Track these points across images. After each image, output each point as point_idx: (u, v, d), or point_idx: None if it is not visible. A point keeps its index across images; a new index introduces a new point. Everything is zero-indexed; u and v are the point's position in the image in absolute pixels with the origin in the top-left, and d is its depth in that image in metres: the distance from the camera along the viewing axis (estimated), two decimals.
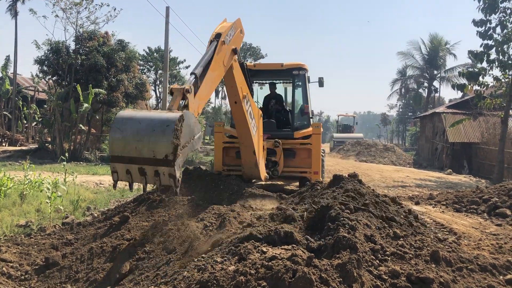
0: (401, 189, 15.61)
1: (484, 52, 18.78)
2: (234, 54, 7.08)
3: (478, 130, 26.82)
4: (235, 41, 7.13)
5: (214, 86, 6.56)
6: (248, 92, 8.05)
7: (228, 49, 6.81)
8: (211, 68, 6.18)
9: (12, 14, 36.17)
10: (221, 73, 6.76)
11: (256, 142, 8.35)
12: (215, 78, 6.46)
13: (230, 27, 6.92)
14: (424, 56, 50.43)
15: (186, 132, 4.56)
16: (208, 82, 6.09)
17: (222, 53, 6.57)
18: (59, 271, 5.42)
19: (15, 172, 12.97)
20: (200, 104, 5.66)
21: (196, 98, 5.44)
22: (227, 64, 6.90)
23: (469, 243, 6.64)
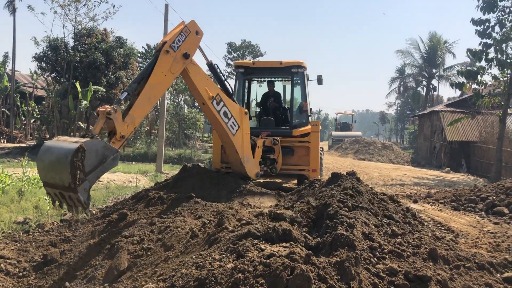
0: (399, 187, 15.63)
1: (483, 51, 18.77)
2: (186, 59, 7.14)
3: (476, 129, 26.85)
4: (188, 45, 7.15)
5: (157, 97, 6.87)
6: (220, 92, 8.03)
7: (176, 56, 6.95)
8: (151, 80, 6.52)
9: (10, 11, 36.07)
10: (166, 82, 7.01)
11: (238, 140, 8.35)
12: (157, 89, 6.72)
13: (178, 33, 7.01)
14: (423, 54, 50.42)
15: (92, 159, 5.17)
16: (146, 95, 6.45)
17: (165, 62, 6.80)
18: (57, 268, 5.42)
19: (14, 169, 12.96)
20: (137, 119, 6.19)
21: (128, 116, 6.03)
22: (176, 71, 7.10)
23: (467, 241, 6.65)
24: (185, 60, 7.12)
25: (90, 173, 5.18)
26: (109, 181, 13.85)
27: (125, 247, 5.23)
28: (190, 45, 7.20)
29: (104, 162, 5.33)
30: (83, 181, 5.10)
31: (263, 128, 10.65)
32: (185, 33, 7.09)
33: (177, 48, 6.97)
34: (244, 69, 11.04)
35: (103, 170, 5.40)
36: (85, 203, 5.13)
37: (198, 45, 7.43)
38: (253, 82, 12.51)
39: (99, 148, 5.29)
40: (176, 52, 6.96)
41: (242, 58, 48.55)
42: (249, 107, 12.74)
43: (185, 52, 7.09)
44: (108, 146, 5.47)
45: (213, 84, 8.08)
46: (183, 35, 7.06)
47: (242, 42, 50.70)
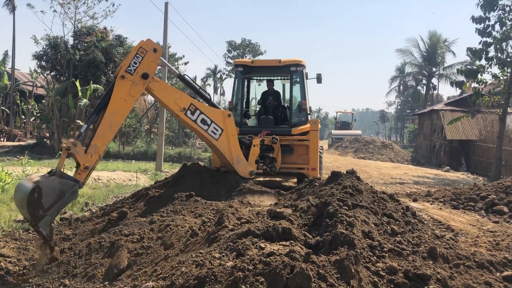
0: (399, 186, 15.64)
1: (483, 50, 18.76)
2: (145, 79, 7.16)
3: (476, 128, 26.86)
4: (145, 65, 7.16)
5: (119, 123, 6.99)
6: (194, 101, 8.10)
7: (134, 79, 7.02)
8: (109, 108, 6.71)
9: (10, 9, 36.05)
10: (127, 107, 7.10)
11: (223, 144, 8.41)
12: (118, 115, 6.87)
13: (133, 56, 7.05)
14: (422, 53, 50.38)
15: (50, 196, 5.54)
16: (107, 123, 6.67)
17: (123, 87, 6.90)
18: (57, 266, 5.42)
19: (13, 167, 12.95)
20: (100, 148, 6.46)
21: (91, 146, 6.34)
22: (136, 93, 7.16)
23: (467, 240, 6.66)
24: (144, 80, 7.16)
25: (49, 209, 5.54)
26: (109, 179, 13.85)
27: (125, 246, 5.23)
28: (148, 64, 7.21)
29: (63, 197, 5.69)
30: (44, 217, 5.47)
31: (262, 126, 10.65)
32: (141, 54, 7.12)
33: (134, 70, 7.03)
34: (243, 67, 11.04)
35: (62, 204, 5.80)
36: (47, 236, 5.50)
37: (157, 62, 7.44)
38: (252, 81, 12.51)
39: (56, 185, 5.67)
40: (133, 75, 7.02)
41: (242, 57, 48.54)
42: (249, 105, 12.74)
43: (144, 72, 7.12)
44: (65, 182, 5.78)
45: (183, 96, 8.21)
46: (139, 57, 7.09)
47: (242, 41, 50.66)
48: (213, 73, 68.22)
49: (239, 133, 10.20)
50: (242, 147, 9.48)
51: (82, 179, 6.16)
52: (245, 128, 10.76)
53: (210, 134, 8.20)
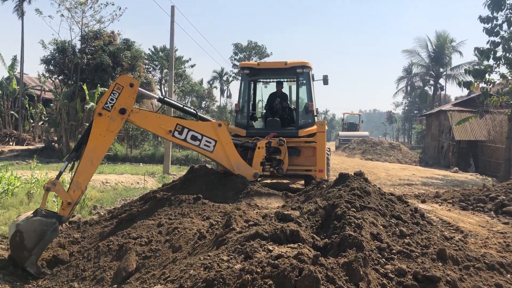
0: (407, 187, 15.56)
1: (491, 49, 18.62)
2: (123, 114, 7.25)
3: (485, 128, 26.67)
4: (122, 101, 7.24)
5: (100, 158, 7.09)
6: (180, 120, 8.22)
7: (112, 115, 7.15)
8: (89, 144, 6.88)
9: (19, 14, 36.38)
10: (106, 142, 7.23)
11: (218, 154, 8.45)
12: (98, 151, 7.02)
13: (110, 93, 7.17)
14: (430, 53, 50.11)
15: (31, 237, 5.79)
16: (88, 159, 6.83)
17: (101, 124, 7.05)
18: (66, 270, 5.46)
19: (22, 171, 13.05)
20: (82, 183, 6.68)
21: (73, 183, 6.56)
22: (115, 128, 7.28)
23: (476, 241, 6.60)
24: (122, 115, 7.25)
25: (33, 249, 5.75)
26: (117, 182, 13.91)
27: (133, 249, 5.25)
28: (125, 99, 7.28)
29: (44, 236, 5.90)
30: (29, 257, 5.70)
31: (269, 129, 10.65)
32: (117, 90, 7.19)
33: (112, 107, 7.14)
34: (249, 70, 11.06)
35: (45, 243, 5.96)
36: (36, 273, 5.66)
37: (134, 97, 7.47)
38: (259, 83, 12.52)
39: (36, 227, 5.88)
40: (111, 111, 7.13)
41: (248, 59, 48.60)
42: (256, 108, 12.75)
43: (121, 108, 7.19)
44: (45, 222, 5.99)
45: (167, 119, 8.49)
46: (115, 93, 7.18)
47: (249, 43, 50.76)
48: (220, 76, 68.39)
49: (246, 136, 10.21)
50: (248, 151, 9.49)
51: (66, 214, 6.43)
52: (252, 130, 10.77)
53: (203, 148, 8.27)
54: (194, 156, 25.54)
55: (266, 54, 51.68)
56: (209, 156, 8.44)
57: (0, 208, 8.50)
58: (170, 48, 19.94)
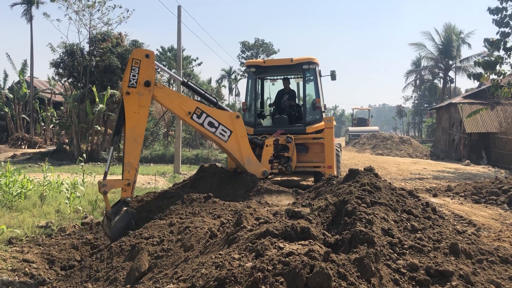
0: (418, 181, 15.46)
1: (501, 40, 18.38)
2: (149, 86, 7.30)
3: (496, 120, 26.37)
4: (144, 73, 7.29)
5: (142, 134, 7.33)
6: (200, 104, 8.20)
7: (139, 90, 7.21)
8: (127, 125, 7.04)
9: (27, 19, 36.72)
10: (142, 118, 7.32)
11: (232, 145, 8.47)
12: (137, 128, 7.18)
13: (130, 70, 7.21)
14: (438, 46, 49.63)
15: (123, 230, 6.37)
16: (131, 138, 7.04)
17: (132, 103, 7.14)
18: (80, 271, 5.51)
19: (35, 174, 13.19)
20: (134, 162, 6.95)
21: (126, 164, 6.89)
22: (146, 103, 7.34)
23: (489, 234, 6.55)
24: (148, 88, 7.31)
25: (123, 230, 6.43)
26: None
27: (146, 249, 5.29)
28: (146, 71, 7.34)
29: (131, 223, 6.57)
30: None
31: (276, 126, 10.63)
32: (135, 65, 7.26)
33: (136, 82, 7.20)
34: (255, 68, 11.04)
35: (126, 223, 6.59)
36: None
37: (153, 67, 7.52)
38: (266, 80, 12.50)
39: (121, 225, 6.50)
40: (137, 87, 7.19)
41: (255, 57, 48.59)
42: (264, 106, 12.73)
43: (145, 81, 7.26)
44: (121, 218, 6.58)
45: (188, 100, 8.40)
46: (135, 68, 7.25)
47: (256, 41, 50.74)
48: (228, 74, 68.47)
49: (253, 134, 10.20)
50: (256, 148, 9.48)
51: (129, 194, 6.82)
52: (259, 128, 10.77)
53: (218, 136, 8.29)
54: (204, 155, 25.62)
55: (273, 51, 51.62)
56: (222, 145, 8.43)
57: (14, 211, 8.61)
58: (178, 48, 19.99)
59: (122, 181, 6.81)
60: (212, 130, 8.20)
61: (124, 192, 6.77)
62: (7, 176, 9.28)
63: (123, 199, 6.76)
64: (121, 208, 6.63)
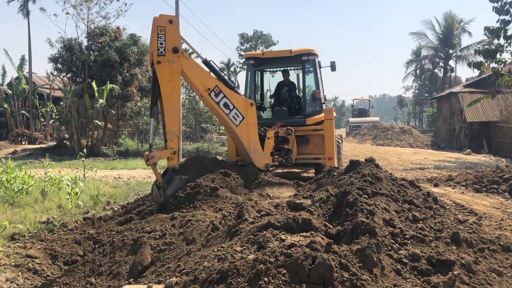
0: (419, 171, 15.46)
1: (501, 28, 18.28)
2: (177, 52, 7.24)
3: (497, 109, 26.30)
4: (170, 40, 7.21)
5: (178, 102, 7.43)
6: (219, 84, 8.11)
7: (168, 57, 7.15)
8: (163, 93, 7.00)
9: (24, 14, 36.53)
10: (176, 85, 7.31)
11: (242, 131, 8.44)
12: (173, 96, 7.18)
13: (156, 37, 7.10)
14: (438, 35, 49.40)
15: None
16: (169, 107, 7.06)
17: (164, 71, 7.10)
18: (83, 265, 5.53)
19: (36, 170, 13.21)
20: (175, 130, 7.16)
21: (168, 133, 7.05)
22: (177, 69, 7.30)
23: (491, 223, 6.56)
24: (177, 54, 7.27)
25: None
26: (129, 178, 14.02)
27: (148, 242, 5.30)
28: (172, 38, 7.26)
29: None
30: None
31: (276, 118, 10.62)
32: (160, 32, 7.14)
33: (164, 50, 7.11)
34: (254, 60, 11.00)
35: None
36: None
37: (178, 32, 7.42)
38: (265, 72, 12.47)
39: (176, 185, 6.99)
40: (166, 55, 7.12)
41: (254, 49, 48.38)
42: (264, 98, 12.71)
43: (173, 47, 7.20)
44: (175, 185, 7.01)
45: (210, 77, 8.27)
46: (161, 36, 7.15)
47: (254, 33, 50.46)
48: (227, 67, 68.23)
49: None
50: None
51: (175, 162, 7.11)
52: (259, 120, 10.75)
53: (231, 119, 8.28)
54: (204, 149, 25.61)
55: (272, 42, 51.31)
56: (232, 129, 8.43)
57: (16, 207, 8.62)
58: None
59: (168, 150, 6.97)
60: (226, 111, 8.20)
61: (171, 161, 6.99)
62: (9, 172, 9.29)
63: (172, 167, 6.93)
64: (172, 176, 6.84)
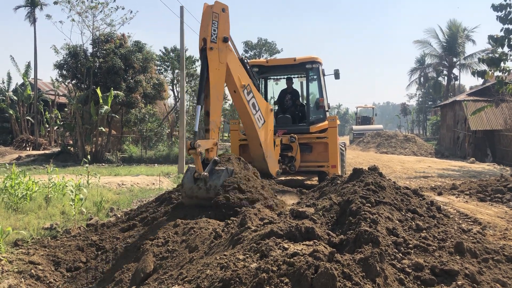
0: (423, 179, 15.41)
1: (505, 37, 18.29)
2: (226, 42, 7.09)
3: (501, 117, 26.24)
4: (222, 28, 7.04)
5: (222, 92, 7.15)
6: (251, 83, 8.09)
7: (219, 45, 6.95)
8: (212, 82, 6.76)
9: (31, 21, 36.86)
10: (222, 75, 7.10)
11: (263, 135, 8.40)
12: (219, 86, 6.95)
13: (210, 23, 6.85)
14: (442, 43, 49.47)
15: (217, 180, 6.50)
16: (215, 96, 6.80)
17: (214, 58, 6.87)
18: (86, 272, 5.53)
19: (40, 175, 13.25)
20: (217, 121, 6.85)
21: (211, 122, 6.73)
22: (224, 59, 7.11)
23: (495, 233, 6.52)
24: (226, 44, 7.11)
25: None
26: (132, 184, 14.04)
27: (151, 250, 5.30)
28: (224, 26, 7.10)
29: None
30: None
31: (280, 126, 10.64)
32: (215, 18, 6.92)
33: (216, 37, 6.90)
34: (258, 68, 11.04)
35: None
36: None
37: (229, 21, 7.28)
38: (269, 80, 12.50)
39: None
40: (217, 42, 6.90)
41: (259, 57, 48.52)
42: None
43: (223, 36, 7.05)
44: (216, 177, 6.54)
45: (245, 74, 8.18)
46: (214, 22, 6.91)
47: (258, 40, 50.67)
48: None
49: None
50: None
51: (215, 154, 6.77)
52: None
53: (256, 119, 8.22)
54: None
55: (277, 50, 51.48)
56: (255, 129, 8.34)
57: (19, 213, 8.64)
58: (181, 48, 20.00)
59: (211, 141, 6.69)
60: (253, 111, 8.16)
61: (211, 153, 6.68)
62: (13, 178, 9.32)
63: (212, 159, 6.62)
64: (212, 168, 6.54)
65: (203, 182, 6.43)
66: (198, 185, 6.47)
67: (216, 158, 6.71)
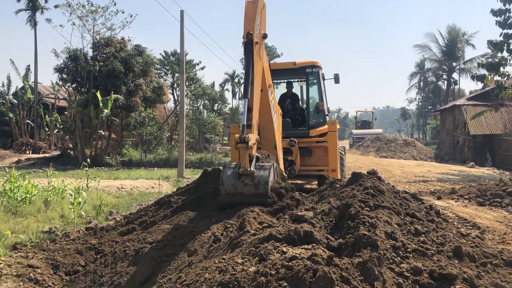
0: (422, 184, 15.41)
1: (504, 42, 18.36)
2: (264, 38, 6.96)
3: (501, 121, 26.28)
4: (263, 25, 6.88)
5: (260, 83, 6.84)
6: (272, 84, 8.11)
7: (260, 41, 6.75)
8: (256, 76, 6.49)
9: (31, 25, 36.93)
10: (261, 68, 6.90)
11: (277, 137, 8.38)
12: (259, 77, 6.74)
13: (256, 16, 6.59)
14: (442, 48, 49.60)
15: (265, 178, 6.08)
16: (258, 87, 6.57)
17: (257, 52, 6.60)
18: (84, 276, 5.52)
19: (39, 179, 13.24)
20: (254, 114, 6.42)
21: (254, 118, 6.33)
22: (262, 55, 6.95)
23: (494, 237, 6.52)
24: (264, 41, 6.97)
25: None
26: (132, 187, 14.03)
27: (149, 253, 5.29)
28: (264, 23, 6.95)
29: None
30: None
31: None
32: (259, 13, 6.76)
33: (258, 33, 6.74)
34: None
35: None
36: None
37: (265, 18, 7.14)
38: None
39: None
40: (258, 37, 6.73)
41: None
42: None
43: (263, 33, 6.92)
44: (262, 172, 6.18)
45: (270, 75, 8.13)
46: (259, 17, 6.74)
47: None
48: (231, 78, 68.56)
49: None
50: None
51: (255, 151, 6.39)
52: None
53: (273, 120, 8.13)
54: (207, 159, 25.65)
55: (277, 54, 51.69)
56: (273, 131, 8.20)
57: (18, 216, 8.64)
58: (181, 52, 20.04)
59: (255, 136, 6.38)
60: (272, 112, 8.11)
61: (253, 151, 6.27)
62: (12, 181, 9.32)
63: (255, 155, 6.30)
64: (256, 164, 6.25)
65: (250, 178, 6.09)
66: (243, 181, 6.12)
67: (258, 155, 6.46)
